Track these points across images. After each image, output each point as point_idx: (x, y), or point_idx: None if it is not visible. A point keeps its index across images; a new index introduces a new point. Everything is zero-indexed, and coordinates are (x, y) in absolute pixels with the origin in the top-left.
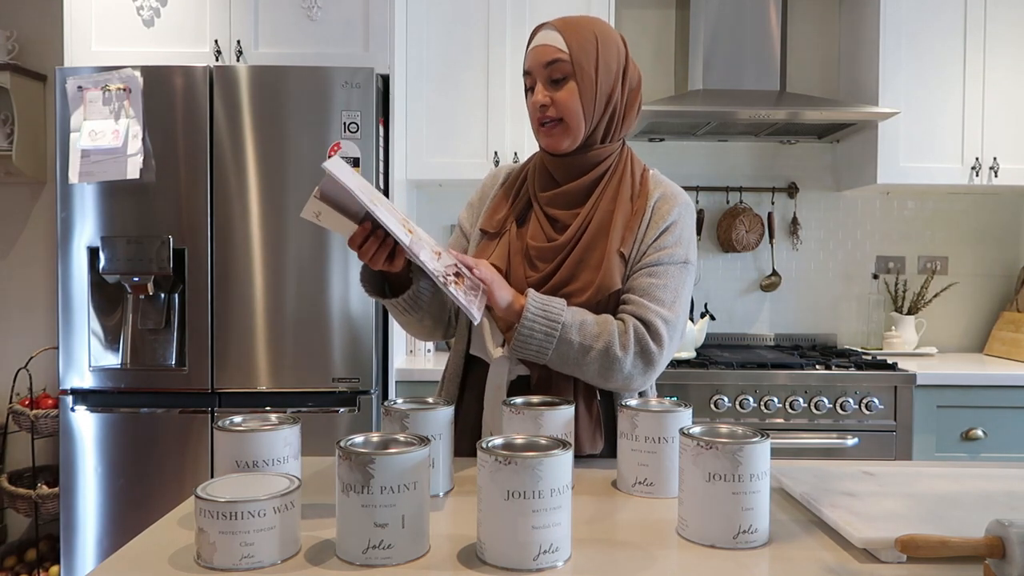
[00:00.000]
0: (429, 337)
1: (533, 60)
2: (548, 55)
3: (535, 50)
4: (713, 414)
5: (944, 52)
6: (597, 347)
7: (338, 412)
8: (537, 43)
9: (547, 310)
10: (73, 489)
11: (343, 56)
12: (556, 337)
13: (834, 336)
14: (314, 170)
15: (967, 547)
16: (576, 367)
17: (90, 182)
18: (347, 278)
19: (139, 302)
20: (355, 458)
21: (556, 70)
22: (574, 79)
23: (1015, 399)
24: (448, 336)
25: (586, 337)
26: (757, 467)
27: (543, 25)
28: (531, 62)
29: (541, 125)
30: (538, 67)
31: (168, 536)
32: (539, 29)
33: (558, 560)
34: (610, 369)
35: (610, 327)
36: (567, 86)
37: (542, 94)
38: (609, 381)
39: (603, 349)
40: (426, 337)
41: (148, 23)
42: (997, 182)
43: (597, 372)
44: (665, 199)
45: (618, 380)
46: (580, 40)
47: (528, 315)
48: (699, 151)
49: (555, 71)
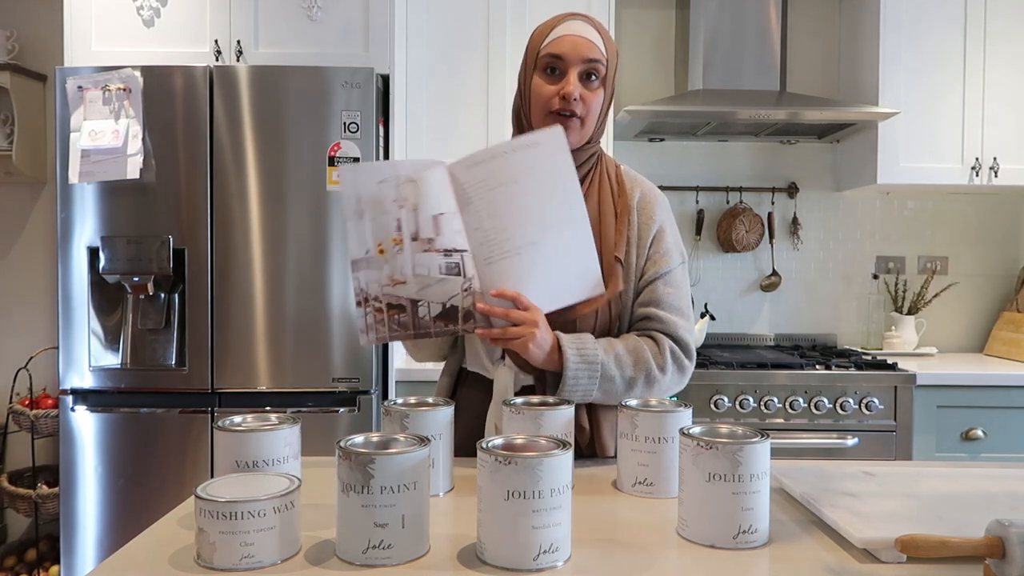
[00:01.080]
0: (433, 359)
1: (571, 48)
2: (591, 51)
3: (573, 39)
4: (713, 414)
5: (944, 52)
6: (639, 377)
7: (338, 412)
8: (576, 32)
9: (584, 354)
10: (73, 489)
11: (343, 56)
12: (598, 377)
13: (834, 336)
14: (314, 170)
15: (967, 547)
16: (621, 398)
17: (90, 182)
18: (347, 278)
19: (139, 302)
20: (355, 458)
21: (594, 69)
22: (603, 84)
23: (1015, 399)
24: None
25: (625, 369)
26: (757, 467)
27: (575, 15)
28: (567, 48)
29: (556, 114)
30: (576, 57)
31: (168, 536)
32: (569, 17)
33: (558, 560)
34: (651, 389)
35: (644, 354)
36: (597, 88)
37: (575, 85)
38: (646, 394)
39: (644, 377)
40: (432, 358)
41: (148, 23)
42: (997, 182)
43: (640, 395)
44: (646, 200)
45: (656, 395)
46: (612, 48)
47: (570, 366)
48: (699, 151)
49: (593, 70)
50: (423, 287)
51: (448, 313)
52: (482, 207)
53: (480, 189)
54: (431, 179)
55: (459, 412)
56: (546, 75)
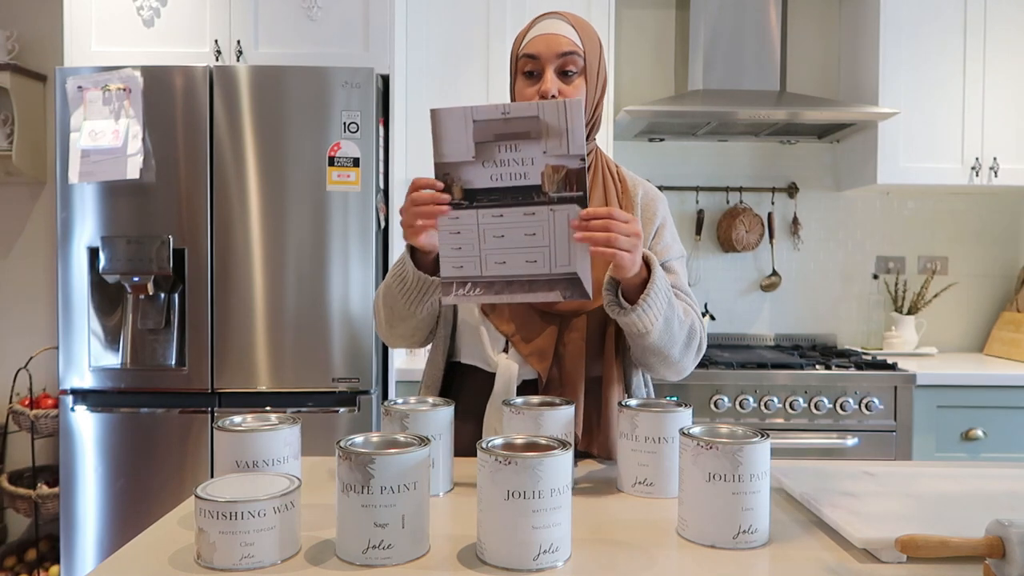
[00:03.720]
0: (408, 342)
1: (544, 46)
2: (563, 45)
3: (546, 37)
4: (713, 414)
5: (944, 52)
6: (687, 322)
7: (338, 412)
8: (548, 30)
9: (665, 280)
10: (73, 489)
11: (343, 56)
12: (667, 305)
13: (834, 336)
14: (314, 170)
15: (967, 547)
16: (671, 336)
17: (90, 182)
18: (347, 278)
19: (139, 302)
20: (355, 458)
21: (570, 63)
22: (583, 76)
23: (1015, 399)
24: (425, 343)
25: (678, 311)
26: (757, 467)
27: (549, 14)
28: (541, 48)
29: None
30: (550, 55)
31: (168, 536)
32: (543, 17)
33: (558, 560)
34: (690, 343)
35: (689, 310)
36: (577, 81)
37: (552, 83)
38: (683, 358)
39: (690, 328)
40: (407, 342)
41: (148, 23)
42: (997, 182)
43: (683, 345)
44: (649, 197)
45: (682, 359)
46: (591, 37)
47: (658, 280)
48: (699, 151)
49: (569, 63)
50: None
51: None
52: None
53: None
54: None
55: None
56: (526, 77)
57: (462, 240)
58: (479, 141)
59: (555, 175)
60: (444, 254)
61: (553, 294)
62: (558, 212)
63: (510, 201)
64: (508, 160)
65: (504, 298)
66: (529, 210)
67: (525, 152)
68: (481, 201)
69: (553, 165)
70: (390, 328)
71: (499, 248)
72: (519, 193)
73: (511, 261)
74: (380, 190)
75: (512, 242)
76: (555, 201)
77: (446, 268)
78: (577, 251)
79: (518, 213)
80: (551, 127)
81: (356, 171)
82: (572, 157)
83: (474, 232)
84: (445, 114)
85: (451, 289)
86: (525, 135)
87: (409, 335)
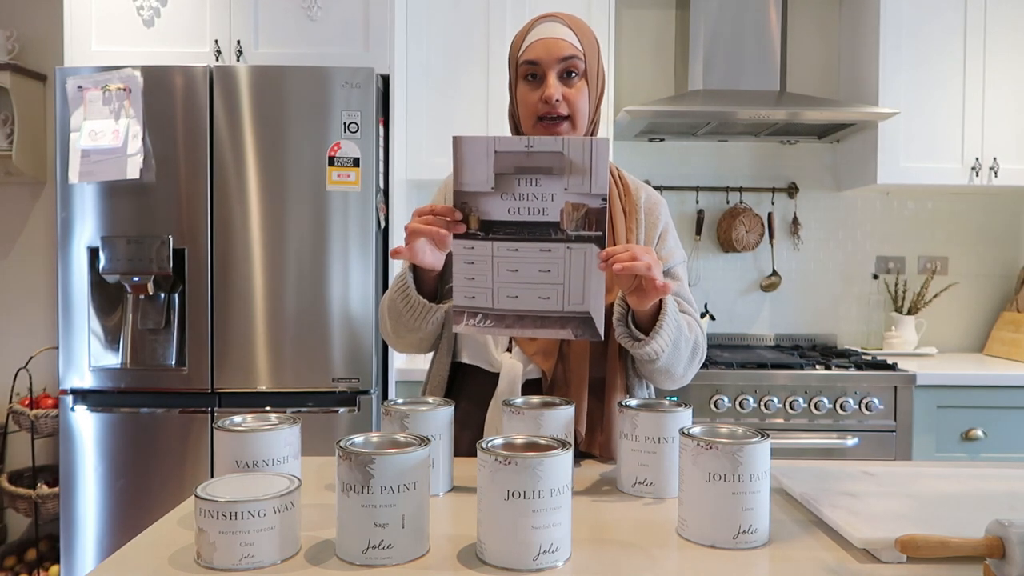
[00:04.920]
0: (417, 349)
1: (544, 51)
2: (564, 49)
3: (546, 42)
4: (713, 414)
5: (944, 52)
6: (694, 334)
7: (338, 412)
8: (547, 35)
9: (675, 308)
10: (73, 489)
11: (343, 56)
12: (676, 327)
13: (834, 336)
14: (314, 170)
15: (967, 547)
16: (678, 356)
17: (90, 182)
18: (347, 278)
19: (139, 302)
20: (355, 458)
21: (571, 66)
22: (584, 78)
23: (1015, 399)
24: (432, 350)
25: (684, 329)
26: (757, 467)
27: (546, 17)
28: (541, 52)
29: (541, 119)
30: (551, 59)
31: (168, 536)
32: (541, 20)
33: (558, 560)
34: (692, 361)
35: (692, 324)
36: (579, 83)
37: (555, 87)
38: (686, 371)
39: (694, 342)
40: (415, 349)
41: (148, 23)
42: (997, 182)
43: (687, 361)
44: (652, 201)
45: (686, 373)
46: (589, 39)
47: (669, 308)
48: (699, 151)
49: (570, 67)
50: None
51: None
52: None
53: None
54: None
55: (458, 409)
56: (528, 82)
57: (475, 271)
58: (499, 172)
59: (575, 213)
60: (457, 283)
61: (564, 332)
62: (575, 250)
63: (527, 235)
64: (528, 194)
65: (515, 332)
66: (545, 246)
67: (546, 187)
68: (497, 233)
69: (573, 203)
70: (398, 338)
71: (512, 282)
72: (536, 228)
73: (524, 296)
74: (380, 190)
75: (526, 277)
76: (572, 239)
77: (458, 297)
78: (591, 290)
79: (534, 248)
80: (575, 164)
81: (356, 171)
82: (594, 196)
83: (488, 264)
84: (468, 142)
85: (462, 319)
86: (547, 170)
87: (417, 343)
